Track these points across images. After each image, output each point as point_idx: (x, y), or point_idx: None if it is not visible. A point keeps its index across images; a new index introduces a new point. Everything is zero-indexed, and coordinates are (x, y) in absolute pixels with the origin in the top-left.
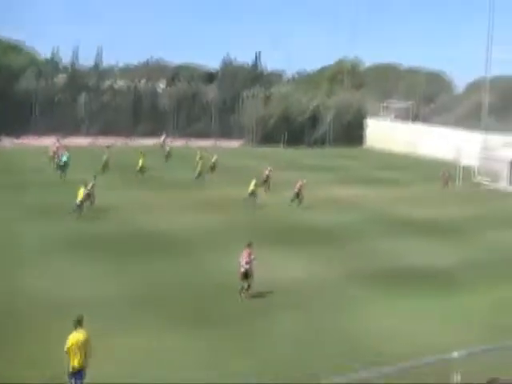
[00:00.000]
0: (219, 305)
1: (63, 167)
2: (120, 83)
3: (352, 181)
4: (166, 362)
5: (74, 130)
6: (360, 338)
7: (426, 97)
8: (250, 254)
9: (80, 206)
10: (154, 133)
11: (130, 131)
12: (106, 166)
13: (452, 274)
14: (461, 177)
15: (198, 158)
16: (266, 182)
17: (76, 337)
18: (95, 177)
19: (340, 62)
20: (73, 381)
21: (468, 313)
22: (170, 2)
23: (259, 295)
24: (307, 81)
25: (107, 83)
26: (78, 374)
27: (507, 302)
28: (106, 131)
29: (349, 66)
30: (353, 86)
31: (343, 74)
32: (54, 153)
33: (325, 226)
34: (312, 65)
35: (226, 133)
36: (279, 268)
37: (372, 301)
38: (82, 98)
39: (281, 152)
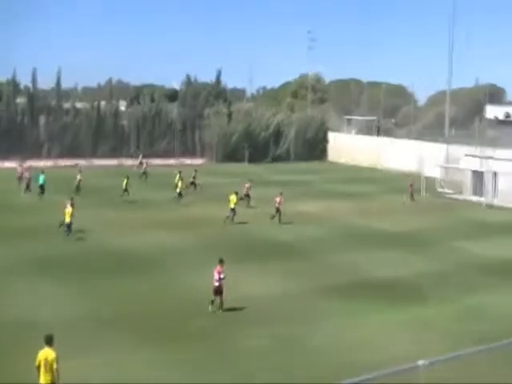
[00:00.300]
0: (187, 321)
1: (42, 187)
2: (81, 104)
3: (316, 195)
4: (131, 379)
5: (35, 152)
6: (326, 349)
7: (389, 110)
8: (220, 272)
9: (69, 225)
10: (116, 153)
11: (91, 152)
12: (78, 188)
13: (417, 284)
14: (424, 188)
15: (176, 179)
16: (246, 196)
17: (45, 354)
18: (72, 198)
19: (302, 78)
20: None
21: (433, 322)
22: (125, 23)
23: (227, 310)
24: (270, 97)
25: (68, 105)
26: None
27: (472, 311)
28: (67, 153)
29: (311, 82)
30: (315, 101)
31: (305, 90)
32: (21, 175)
33: (290, 241)
34: (274, 82)
35: (189, 151)
36: (244, 283)
37: (338, 313)
38: (43, 119)
39: (244, 168)
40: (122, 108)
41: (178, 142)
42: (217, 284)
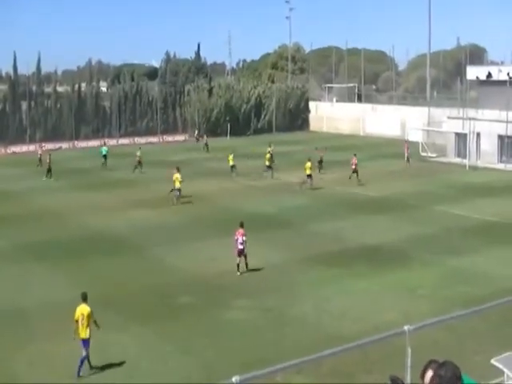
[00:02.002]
0: (172, 299)
1: (105, 157)
2: (62, 88)
3: (299, 165)
4: (116, 358)
5: (18, 137)
6: (312, 320)
7: (370, 76)
8: (243, 234)
9: (179, 190)
10: (98, 134)
11: (74, 134)
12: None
13: (402, 249)
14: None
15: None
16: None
17: (81, 310)
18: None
19: (281, 49)
20: (86, 348)
21: (418, 286)
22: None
23: (212, 285)
24: (250, 69)
25: (49, 89)
26: (84, 342)
27: (457, 273)
28: (50, 137)
29: (291, 52)
30: (296, 71)
31: (285, 60)
32: (40, 157)
33: (274, 212)
34: (254, 54)
35: (171, 128)
36: (228, 257)
37: (324, 282)
38: (25, 105)
39: (226, 142)
40: (103, 89)
41: (160, 120)
42: (241, 247)
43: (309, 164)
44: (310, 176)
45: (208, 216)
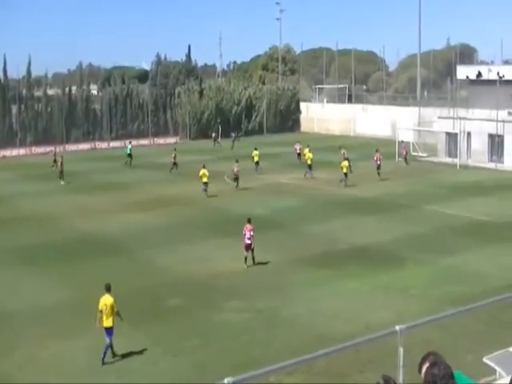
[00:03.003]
0: (162, 301)
1: (130, 155)
2: (52, 91)
3: (289, 166)
4: (107, 360)
5: (9, 141)
6: (304, 321)
7: (360, 77)
8: (251, 229)
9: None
10: (89, 137)
11: (65, 138)
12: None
13: (393, 249)
14: (399, 152)
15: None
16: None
17: (105, 300)
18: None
19: (272, 50)
20: (109, 337)
21: (410, 286)
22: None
23: (203, 286)
24: (241, 71)
25: (39, 92)
26: (107, 331)
27: (448, 272)
28: (40, 140)
29: (281, 53)
30: (286, 73)
31: (276, 61)
32: (55, 159)
33: (265, 213)
34: (244, 56)
35: (162, 130)
36: (221, 258)
37: (316, 283)
38: (15, 108)
39: (218, 144)
40: (94, 92)
41: (151, 123)
42: (249, 242)
43: (345, 163)
44: (346, 175)
45: (199, 218)
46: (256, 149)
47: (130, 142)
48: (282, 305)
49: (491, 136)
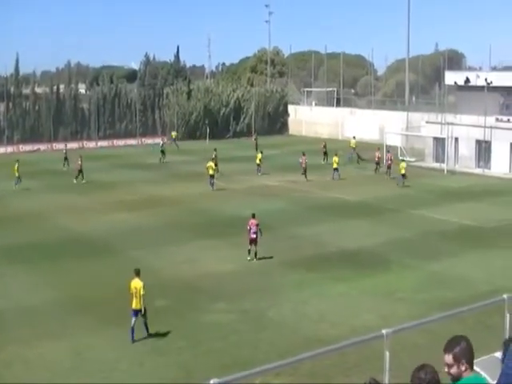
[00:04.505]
0: (149, 302)
1: (163, 152)
2: (40, 89)
3: (277, 169)
4: (93, 360)
5: None
6: (290, 323)
7: (349, 80)
8: (256, 224)
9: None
10: (76, 136)
11: (52, 136)
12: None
13: (380, 253)
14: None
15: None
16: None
17: (134, 283)
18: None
19: (261, 52)
20: (134, 318)
21: (396, 290)
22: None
23: (190, 287)
24: (229, 73)
25: (27, 90)
26: (135, 312)
27: (434, 277)
28: (28, 138)
29: (270, 55)
30: (275, 75)
31: (265, 64)
32: (66, 156)
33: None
34: (233, 57)
35: (151, 130)
36: (207, 260)
37: (302, 285)
38: (2, 106)
39: (205, 145)
40: (82, 91)
41: (139, 123)
42: (254, 236)
43: (336, 158)
44: (336, 169)
45: (187, 219)
46: (261, 152)
47: (162, 139)
48: (269, 306)
49: (479, 142)
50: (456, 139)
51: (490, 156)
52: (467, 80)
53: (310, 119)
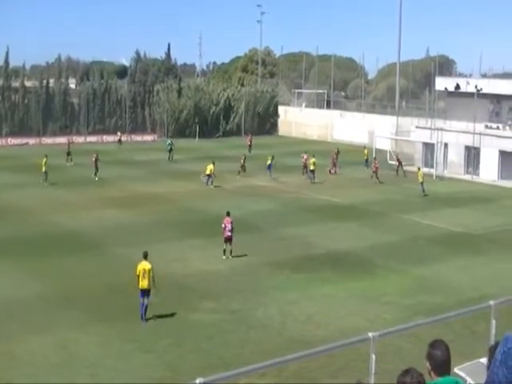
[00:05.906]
0: (136, 299)
1: (170, 151)
2: (30, 83)
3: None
4: (79, 356)
5: None
6: (276, 324)
7: (339, 83)
8: (231, 222)
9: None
10: (66, 131)
11: (41, 130)
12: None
13: (367, 257)
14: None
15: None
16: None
17: (143, 265)
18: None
19: (252, 52)
20: (141, 298)
21: (383, 294)
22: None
23: (177, 286)
24: (220, 72)
25: (17, 83)
26: (146, 293)
27: (421, 282)
28: (16, 132)
29: (261, 55)
30: (265, 75)
31: (255, 64)
32: (69, 151)
33: (241, 215)
34: (224, 57)
35: (140, 127)
36: (193, 260)
37: (289, 287)
38: None
39: (195, 144)
40: (72, 86)
41: (129, 119)
42: (229, 234)
43: (313, 160)
44: (312, 171)
45: (175, 217)
46: (271, 154)
47: (170, 138)
48: (256, 307)
49: (468, 148)
50: (445, 145)
51: (479, 163)
52: (457, 86)
53: (299, 121)
